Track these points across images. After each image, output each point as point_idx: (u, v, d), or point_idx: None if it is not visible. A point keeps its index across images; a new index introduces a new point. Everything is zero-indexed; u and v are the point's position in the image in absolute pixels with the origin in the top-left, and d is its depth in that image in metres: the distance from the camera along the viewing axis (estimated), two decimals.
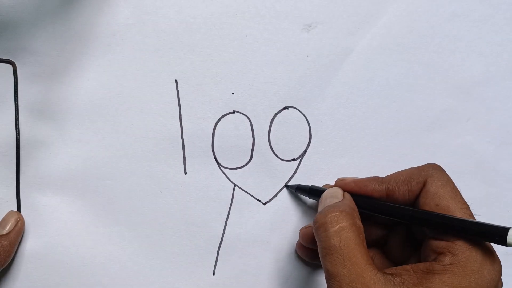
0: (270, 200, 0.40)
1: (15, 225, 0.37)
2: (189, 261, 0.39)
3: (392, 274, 0.29)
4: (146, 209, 0.39)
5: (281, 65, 0.40)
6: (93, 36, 0.39)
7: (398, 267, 0.30)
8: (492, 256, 0.29)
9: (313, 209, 0.40)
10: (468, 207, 0.31)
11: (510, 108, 0.41)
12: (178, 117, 0.40)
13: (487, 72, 0.41)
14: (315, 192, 0.37)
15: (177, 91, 0.40)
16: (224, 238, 0.40)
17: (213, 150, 0.40)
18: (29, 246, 0.39)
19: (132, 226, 0.39)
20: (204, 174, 0.40)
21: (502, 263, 0.31)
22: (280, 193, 0.40)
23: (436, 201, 0.31)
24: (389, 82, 0.41)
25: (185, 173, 0.40)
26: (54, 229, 0.39)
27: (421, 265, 0.29)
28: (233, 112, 0.40)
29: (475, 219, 0.31)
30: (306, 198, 0.40)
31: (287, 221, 0.40)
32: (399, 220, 0.32)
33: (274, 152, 0.40)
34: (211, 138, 0.40)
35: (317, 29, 0.40)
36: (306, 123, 0.40)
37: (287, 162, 0.40)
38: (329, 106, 0.41)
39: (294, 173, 0.40)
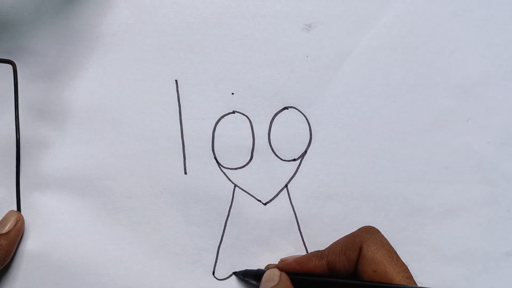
0: (271, 200, 0.40)
1: (15, 225, 0.37)
2: (189, 261, 0.39)
3: None
4: (146, 209, 0.39)
5: (281, 65, 0.40)
6: (93, 36, 0.39)
7: None
8: None
9: (313, 205, 0.40)
10: (406, 269, 0.31)
11: (510, 108, 0.41)
12: (178, 117, 0.40)
13: (487, 72, 0.41)
14: (258, 276, 0.37)
15: (177, 91, 0.40)
16: (224, 238, 0.40)
17: (213, 150, 0.40)
18: (29, 246, 0.39)
19: (132, 226, 0.39)
20: (204, 174, 0.40)
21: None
22: (281, 193, 0.40)
23: (373, 267, 0.31)
24: (389, 82, 0.41)
25: (185, 173, 0.40)
26: (54, 229, 0.39)
27: None
28: (233, 112, 0.40)
29: (414, 282, 0.31)
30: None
31: (287, 221, 0.40)
32: None
33: (274, 152, 0.40)
34: (211, 138, 0.40)
35: (317, 29, 0.40)
36: (306, 123, 0.40)
37: (287, 162, 0.40)
38: (329, 106, 0.41)
39: (295, 173, 0.40)
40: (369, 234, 0.33)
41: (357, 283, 0.31)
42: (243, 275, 0.39)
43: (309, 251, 0.40)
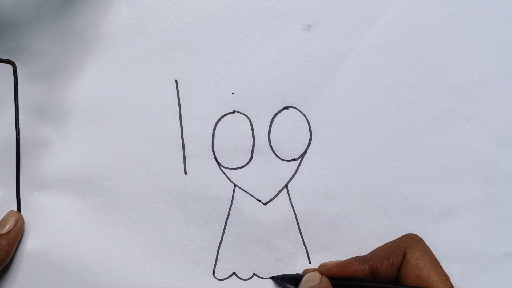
0: (271, 200, 0.40)
1: (15, 225, 0.37)
2: (189, 261, 0.39)
3: None
4: (146, 209, 0.39)
5: (281, 65, 0.40)
6: (93, 36, 0.39)
7: None
8: None
9: (313, 205, 0.40)
10: (448, 279, 0.32)
11: (510, 108, 0.41)
12: (178, 117, 0.40)
13: (487, 72, 0.41)
14: (297, 281, 0.37)
15: (177, 91, 0.40)
16: (224, 238, 0.40)
17: (213, 150, 0.40)
18: (29, 246, 0.39)
19: (132, 226, 0.39)
20: (204, 174, 0.40)
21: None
22: (281, 193, 0.40)
23: (416, 272, 0.32)
24: (389, 82, 0.41)
25: (185, 173, 0.40)
26: (54, 229, 0.39)
27: None
28: (233, 112, 0.40)
29: None
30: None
31: (287, 221, 0.40)
32: None
33: (274, 152, 0.40)
34: (211, 138, 0.40)
35: (317, 29, 0.40)
36: (306, 123, 0.40)
37: (287, 162, 0.40)
38: (329, 106, 0.41)
39: (295, 173, 0.40)
40: (413, 240, 0.34)
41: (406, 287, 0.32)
42: (281, 280, 0.39)
43: (309, 251, 0.40)
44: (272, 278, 0.40)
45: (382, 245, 0.36)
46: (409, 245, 0.33)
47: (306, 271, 0.38)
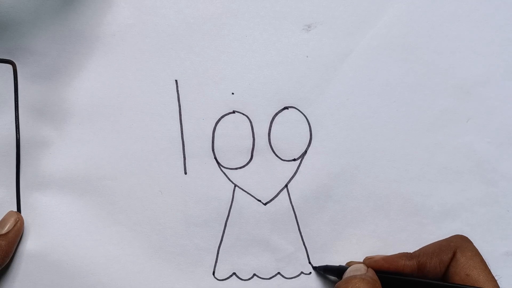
0: (271, 200, 0.40)
1: (14, 225, 0.37)
2: (189, 261, 0.39)
3: None
4: (146, 209, 0.39)
5: (281, 65, 0.40)
6: (93, 36, 0.39)
7: None
8: None
9: (313, 205, 0.40)
10: (496, 283, 0.32)
11: (510, 108, 0.41)
12: (178, 117, 0.40)
13: (487, 72, 0.41)
14: (341, 272, 0.37)
15: (177, 91, 0.40)
16: (224, 238, 0.40)
17: (213, 150, 0.40)
18: (29, 246, 0.39)
19: (132, 226, 0.39)
20: (204, 174, 0.40)
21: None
22: (281, 193, 0.40)
23: (466, 271, 0.32)
24: (389, 82, 0.41)
25: (185, 173, 0.40)
26: (54, 229, 0.39)
27: None
28: (233, 112, 0.40)
29: None
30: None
31: (287, 221, 0.40)
32: None
33: (274, 152, 0.40)
34: (211, 138, 0.40)
35: (317, 29, 0.40)
36: (306, 123, 0.40)
37: (287, 162, 0.40)
38: (329, 106, 0.41)
39: (295, 173, 0.40)
40: (463, 241, 0.34)
41: (455, 285, 0.32)
42: (323, 270, 0.39)
43: (308, 251, 0.40)
44: (314, 268, 0.40)
45: (431, 243, 0.36)
46: (460, 245, 0.34)
47: (349, 264, 0.39)
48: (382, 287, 0.34)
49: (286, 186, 0.40)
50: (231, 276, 0.40)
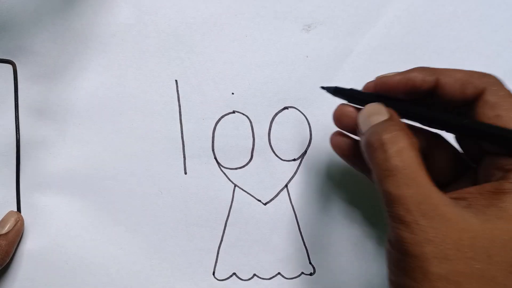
0: (271, 200, 0.40)
1: (14, 225, 0.37)
2: (189, 261, 0.39)
3: (455, 198, 0.26)
4: (146, 209, 0.39)
5: (281, 65, 0.40)
6: (93, 36, 0.39)
7: (457, 191, 0.27)
8: None
9: (313, 205, 0.40)
10: None
11: None
12: (178, 117, 0.40)
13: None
14: (357, 98, 0.33)
15: (177, 91, 0.40)
16: (224, 238, 0.40)
17: (213, 150, 0.40)
18: (29, 246, 0.39)
19: (132, 226, 0.39)
20: (204, 174, 0.40)
21: None
22: (281, 193, 0.40)
23: (497, 111, 0.28)
24: None
25: (185, 173, 0.40)
26: (54, 229, 0.39)
27: (488, 186, 0.26)
28: (233, 112, 0.40)
29: None
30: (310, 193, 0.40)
31: (287, 221, 0.40)
32: (457, 133, 0.30)
33: (274, 152, 0.40)
34: (211, 138, 0.40)
35: (317, 29, 0.40)
36: (306, 123, 0.40)
37: (287, 162, 0.40)
38: (329, 106, 0.40)
39: (295, 173, 0.40)
40: (496, 79, 0.29)
41: (488, 125, 0.28)
42: (333, 92, 0.35)
43: (309, 251, 0.40)
44: (323, 88, 0.35)
45: (461, 69, 0.30)
46: (491, 83, 0.29)
47: (367, 88, 0.33)
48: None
49: (286, 186, 0.40)
50: (231, 276, 0.40)
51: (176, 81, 0.40)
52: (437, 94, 0.30)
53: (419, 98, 0.31)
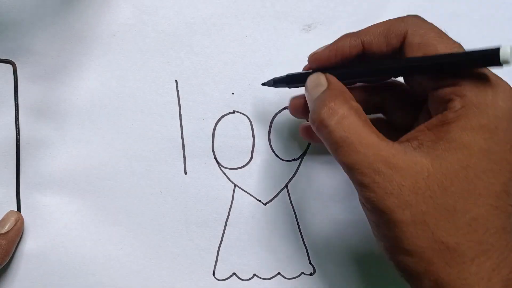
0: (271, 200, 0.40)
1: (14, 225, 0.37)
2: (189, 261, 0.39)
3: (407, 140, 0.28)
4: (146, 209, 0.39)
5: (281, 65, 0.40)
6: (93, 36, 0.39)
7: (410, 132, 0.28)
8: (500, 83, 0.27)
9: (313, 205, 0.40)
10: (460, 46, 0.29)
11: None
12: (178, 117, 0.40)
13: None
14: (294, 79, 0.35)
15: (177, 91, 0.40)
16: (224, 238, 0.40)
17: (213, 150, 0.40)
18: (29, 246, 0.39)
19: (132, 226, 0.39)
20: (204, 174, 0.40)
21: None
22: (281, 193, 0.40)
23: (422, 50, 0.28)
24: None
25: (185, 173, 0.40)
26: (54, 229, 0.39)
27: (434, 120, 0.27)
28: (233, 112, 0.40)
29: None
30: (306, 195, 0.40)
31: (287, 221, 0.40)
32: (384, 74, 0.31)
33: (274, 152, 0.40)
34: (211, 138, 0.40)
35: (317, 29, 0.40)
36: None
37: (287, 162, 0.40)
38: None
39: (295, 173, 0.40)
40: (415, 18, 0.30)
41: (412, 59, 0.29)
42: (273, 83, 0.36)
43: (309, 252, 0.40)
44: (263, 84, 0.37)
45: (380, 22, 0.31)
46: (411, 24, 0.29)
47: (304, 70, 0.34)
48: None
49: (286, 186, 0.40)
50: (231, 276, 0.40)
51: (176, 81, 0.40)
52: (368, 54, 0.31)
53: (356, 62, 0.32)
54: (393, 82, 0.34)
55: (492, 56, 0.25)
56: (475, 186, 0.26)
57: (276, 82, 0.36)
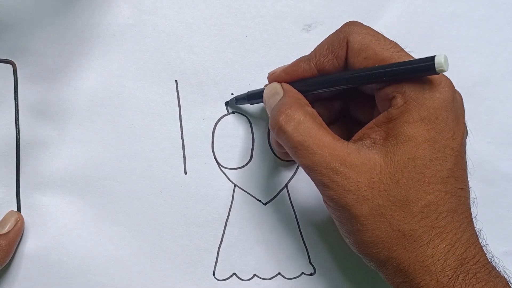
0: (271, 200, 0.40)
1: (15, 225, 0.37)
2: (189, 261, 0.39)
3: (361, 139, 0.30)
4: (146, 209, 0.39)
5: (281, 65, 0.40)
6: (93, 36, 0.39)
7: (361, 129, 0.30)
8: (437, 77, 0.29)
9: (313, 205, 0.40)
10: (396, 44, 0.30)
11: (510, 108, 0.41)
12: (178, 117, 0.40)
13: (487, 72, 0.41)
14: (255, 96, 0.37)
15: (177, 91, 0.40)
16: (224, 238, 0.40)
17: (213, 150, 0.40)
18: (29, 246, 0.39)
19: (132, 226, 0.39)
20: (204, 174, 0.40)
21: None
22: (280, 193, 0.40)
23: (363, 54, 0.30)
24: None
25: (185, 173, 0.40)
26: (54, 229, 0.39)
27: (381, 117, 0.30)
28: (233, 112, 0.40)
29: (406, 53, 0.30)
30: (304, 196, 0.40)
31: (287, 221, 0.40)
32: (336, 87, 0.32)
33: (274, 152, 0.40)
34: (211, 138, 0.40)
35: (317, 29, 0.40)
36: None
37: (287, 162, 0.40)
38: None
39: (294, 173, 0.40)
40: (352, 26, 0.31)
41: (351, 72, 0.31)
42: (236, 101, 0.39)
43: (309, 252, 0.40)
44: (226, 103, 0.40)
45: (323, 40, 0.33)
46: (349, 32, 0.31)
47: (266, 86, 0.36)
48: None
49: (286, 186, 0.40)
50: (231, 276, 0.40)
51: (176, 81, 0.40)
52: (325, 73, 0.33)
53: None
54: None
55: (428, 66, 0.27)
56: (424, 175, 0.28)
57: (238, 100, 0.38)
